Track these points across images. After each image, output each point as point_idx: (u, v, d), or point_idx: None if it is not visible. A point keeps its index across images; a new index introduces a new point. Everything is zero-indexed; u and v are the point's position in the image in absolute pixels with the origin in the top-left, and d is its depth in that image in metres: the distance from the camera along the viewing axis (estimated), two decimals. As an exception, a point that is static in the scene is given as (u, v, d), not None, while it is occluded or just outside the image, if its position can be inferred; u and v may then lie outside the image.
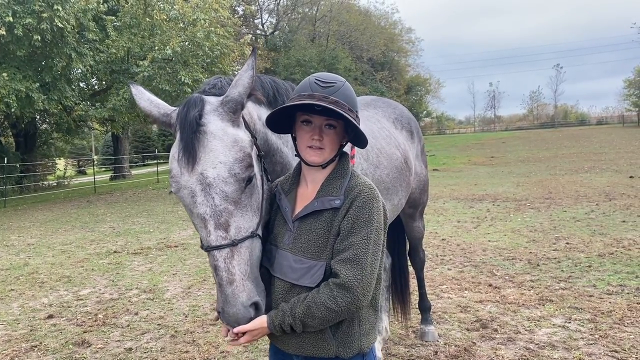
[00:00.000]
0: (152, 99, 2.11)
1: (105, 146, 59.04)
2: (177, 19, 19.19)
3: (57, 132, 28.27)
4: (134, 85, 2.16)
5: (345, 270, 1.81)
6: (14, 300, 6.66)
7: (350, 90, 1.98)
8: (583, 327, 4.69)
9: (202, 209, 1.88)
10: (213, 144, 1.89)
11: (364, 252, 1.83)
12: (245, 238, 1.91)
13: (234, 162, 1.89)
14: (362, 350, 1.94)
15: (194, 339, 5.01)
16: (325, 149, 1.95)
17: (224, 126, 1.94)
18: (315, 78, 1.96)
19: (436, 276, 6.66)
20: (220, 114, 1.96)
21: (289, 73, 39.05)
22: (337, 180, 1.97)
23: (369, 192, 1.91)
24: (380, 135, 3.74)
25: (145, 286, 7.01)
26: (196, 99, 1.96)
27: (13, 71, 16.97)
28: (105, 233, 11.76)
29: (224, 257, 1.87)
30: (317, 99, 1.88)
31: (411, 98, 62.17)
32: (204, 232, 1.91)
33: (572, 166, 22.16)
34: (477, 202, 13.21)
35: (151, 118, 2.10)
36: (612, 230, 8.72)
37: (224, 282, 1.86)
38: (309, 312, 1.82)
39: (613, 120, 72.89)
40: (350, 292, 1.80)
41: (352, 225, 1.86)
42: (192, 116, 1.88)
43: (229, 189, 1.88)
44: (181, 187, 1.90)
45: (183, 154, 1.87)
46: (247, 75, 2.00)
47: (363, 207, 1.87)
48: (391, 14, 58.84)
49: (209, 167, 1.87)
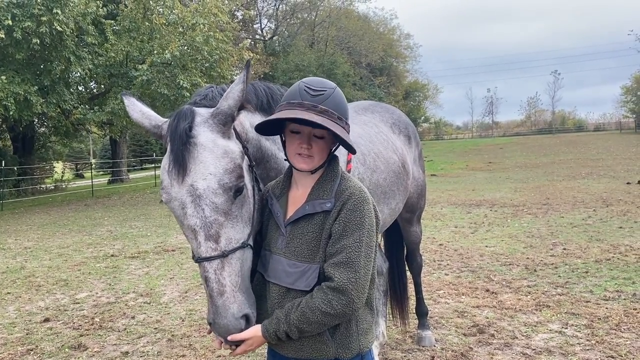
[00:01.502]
0: (144, 111, 2.12)
1: (103, 150, 58.94)
2: (176, 23, 19.22)
3: (55, 135, 28.22)
4: (126, 96, 2.17)
5: (339, 274, 1.82)
6: (10, 304, 6.64)
7: (340, 97, 1.98)
8: (580, 333, 4.69)
9: (193, 220, 1.89)
10: (203, 156, 1.89)
11: (357, 255, 1.84)
12: (236, 249, 1.92)
13: (223, 173, 1.90)
14: (361, 351, 1.95)
15: (191, 343, 5.00)
16: (314, 157, 1.96)
17: (214, 138, 1.95)
18: (305, 85, 1.95)
19: (433, 281, 6.66)
20: (210, 125, 1.96)
21: (288, 78, 39.07)
22: (328, 183, 1.98)
23: (359, 194, 1.92)
24: (377, 140, 3.75)
25: (142, 290, 6.99)
26: (186, 110, 1.97)
27: (12, 74, 16.94)
28: (103, 236, 11.73)
29: (215, 268, 1.87)
30: (306, 108, 1.88)
31: (409, 103, 62.31)
32: (195, 243, 1.91)
33: (570, 172, 22.21)
34: (474, 208, 13.23)
35: (143, 129, 2.12)
36: (609, 236, 8.74)
37: (215, 294, 1.87)
38: (304, 318, 1.82)
39: (610, 126, 73.06)
40: (344, 295, 1.81)
41: (343, 228, 1.86)
42: (182, 128, 1.89)
43: (218, 200, 1.89)
44: (172, 199, 1.92)
45: (173, 166, 1.88)
46: (238, 88, 2.00)
47: (354, 210, 1.88)
48: (390, 20, 58.77)
49: (199, 178, 1.87)
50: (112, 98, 20.33)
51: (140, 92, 19.34)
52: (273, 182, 2.20)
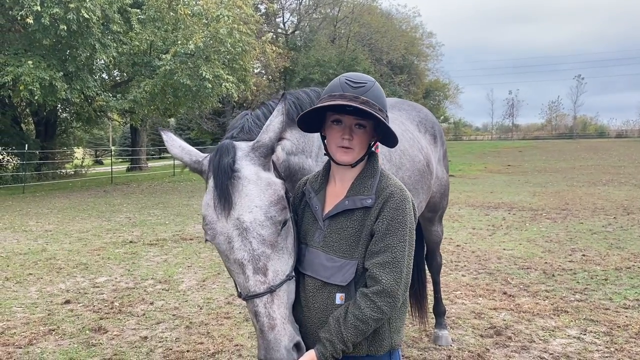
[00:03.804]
0: (183, 146, 2.13)
1: (123, 137, 59.62)
2: (200, 14, 19.31)
3: (77, 121, 28.62)
4: (164, 131, 2.18)
5: (386, 275, 1.83)
6: (32, 285, 6.77)
7: (380, 91, 1.99)
8: (598, 340, 4.66)
9: (240, 254, 1.88)
10: (248, 189, 1.90)
11: (401, 255, 1.86)
12: (283, 282, 1.92)
13: (269, 205, 1.91)
14: (392, 348, 1.97)
15: (209, 331, 5.06)
16: (354, 149, 1.96)
17: (257, 170, 1.96)
18: (345, 78, 1.96)
19: (450, 282, 6.64)
20: (252, 159, 1.98)
21: (308, 73, 39.09)
22: (368, 180, 1.99)
23: (400, 193, 1.94)
24: (403, 138, 3.75)
25: (160, 277, 7.08)
26: (228, 145, 1.98)
27: (38, 59, 17.20)
28: (122, 223, 11.89)
29: (265, 302, 1.87)
30: (348, 99, 1.89)
31: (429, 103, 61.80)
32: (242, 277, 1.90)
33: (590, 178, 21.93)
34: (492, 210, 13.14)
35: (183, 164, 2.12)
36: (629, 245, 8.63)
37: (266, 328, 1.85)
38: (359, 332, 1.84)
39: (633, 133, 71.91)
40: (391, 296, 1.84)
41: (387, 227, 1.88)
42: (225, 163, 1.90)
43: (265, 232, 1.89)
44: (217, 234, 1.91)
45: (219, 201, 1.88)
46: (277, 120, 2.02)
47: (397, 209, 1.89)
48: (412, 18, 58.36)
49: (245, 211, 1.88)
50: (134, 86, 20.55)
51: (162, 82, 19.51)
52: (311, 176, 2.21)
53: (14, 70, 16.60)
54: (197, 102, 22.78)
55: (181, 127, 54.23)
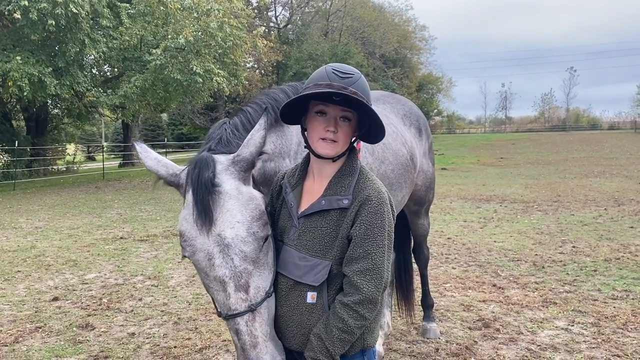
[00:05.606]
0: (159, 158, 2.06)
1: (115, 133, 59.33)
2: (191, 8, 19.18)
3: (68, 117, 28.46)
4: (138, 143, 2.10)
5: (367, 283, 1.80)
6: (20, 282, 6.73)
7: (366, 84, 1.94)
8: (586, 331, 4.67)
9: (221, 271, 1.83)
10: (229, 204, 1.86)
11: (381, 260, 1.83)
12: (264, 299, 1.88)
13: (251, 220, 1.86)
14: (364, 348, 1.94)
15: (197, 326, 5.04)
16: (338, 142, 1.90)
17: (238, 185, 1.92)
18: (332, 68, 1.90)
19: (440, 274, 6.65)
20: (232, 173, 1.93)
21: (301, 67, 38.98)
22: (346, 178, 1.93)
23: (378, 196, 1.87)
24: (387, 131, 3.72)
25: (150, 273, 7.05)
26: (207, 158, 1.92)
27: (26, 55, 17.06)
28: (112, 219, 11.83)
29: (246, 320, 1.84)
30: (337, 89, 1.82)
31: (422, 96, 61.88)
32: (222, 295, 1.86)
33: (582, 170, 22.02)
34: (484, 203, 13.16)
35: (158, 177, 2.05)
36: (619, 236, 8.67)
37: (248, 346, 1.82)
38: (346, 343, 1.83)
39: (625, 125, 72.09)
40: (373, 303, 1.81)
41: (365, 232, 1.82)
42: (206, 177, 1.84)
43: (247, 248, 1.84)
44: (196, 250, 1.85)
45: (199, 216, 1.82)
46: (259, 135, 1.98)
47: (375, 213, 1.84)
48: (405, 11, 58.45)
49: (226, 227, 1.83)
50: (125, 82, 20.42)
51: (153, 77, 19.39)
52: (289, 170, 2.14)
53: (2, 66, 16.47)
54: (188, 96, 22.68)
55: (174, 122, 54.00)
